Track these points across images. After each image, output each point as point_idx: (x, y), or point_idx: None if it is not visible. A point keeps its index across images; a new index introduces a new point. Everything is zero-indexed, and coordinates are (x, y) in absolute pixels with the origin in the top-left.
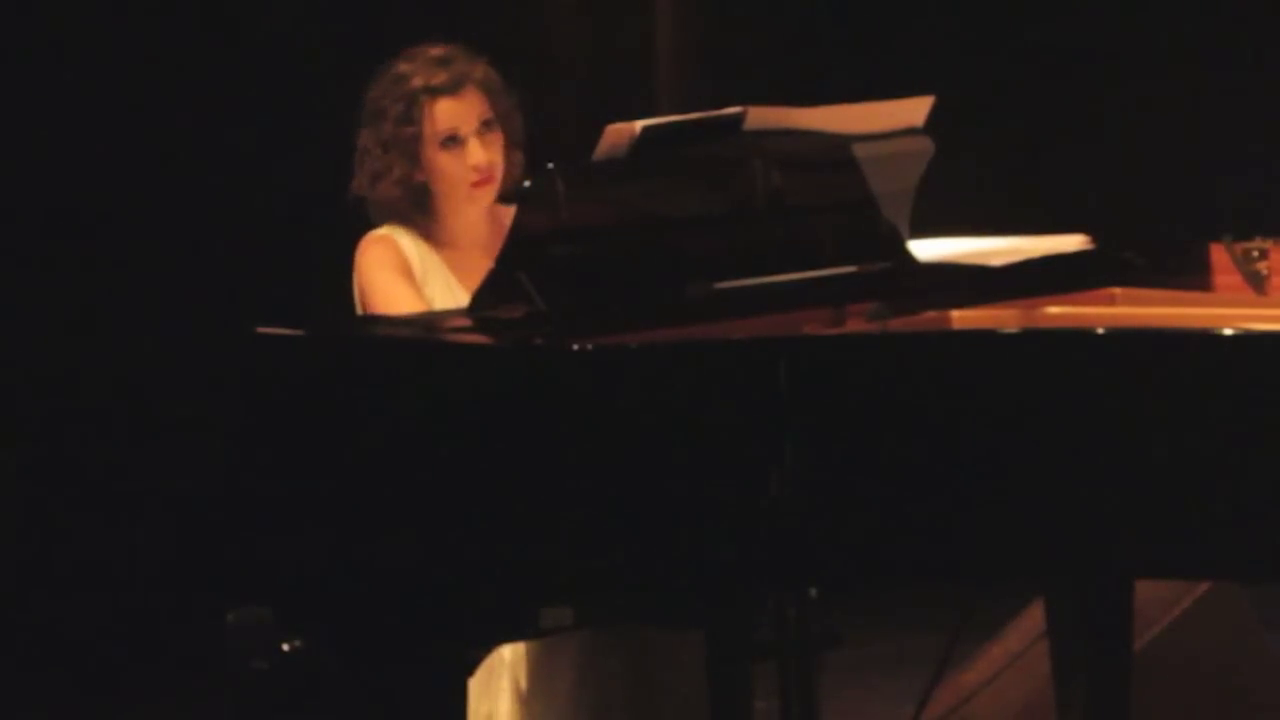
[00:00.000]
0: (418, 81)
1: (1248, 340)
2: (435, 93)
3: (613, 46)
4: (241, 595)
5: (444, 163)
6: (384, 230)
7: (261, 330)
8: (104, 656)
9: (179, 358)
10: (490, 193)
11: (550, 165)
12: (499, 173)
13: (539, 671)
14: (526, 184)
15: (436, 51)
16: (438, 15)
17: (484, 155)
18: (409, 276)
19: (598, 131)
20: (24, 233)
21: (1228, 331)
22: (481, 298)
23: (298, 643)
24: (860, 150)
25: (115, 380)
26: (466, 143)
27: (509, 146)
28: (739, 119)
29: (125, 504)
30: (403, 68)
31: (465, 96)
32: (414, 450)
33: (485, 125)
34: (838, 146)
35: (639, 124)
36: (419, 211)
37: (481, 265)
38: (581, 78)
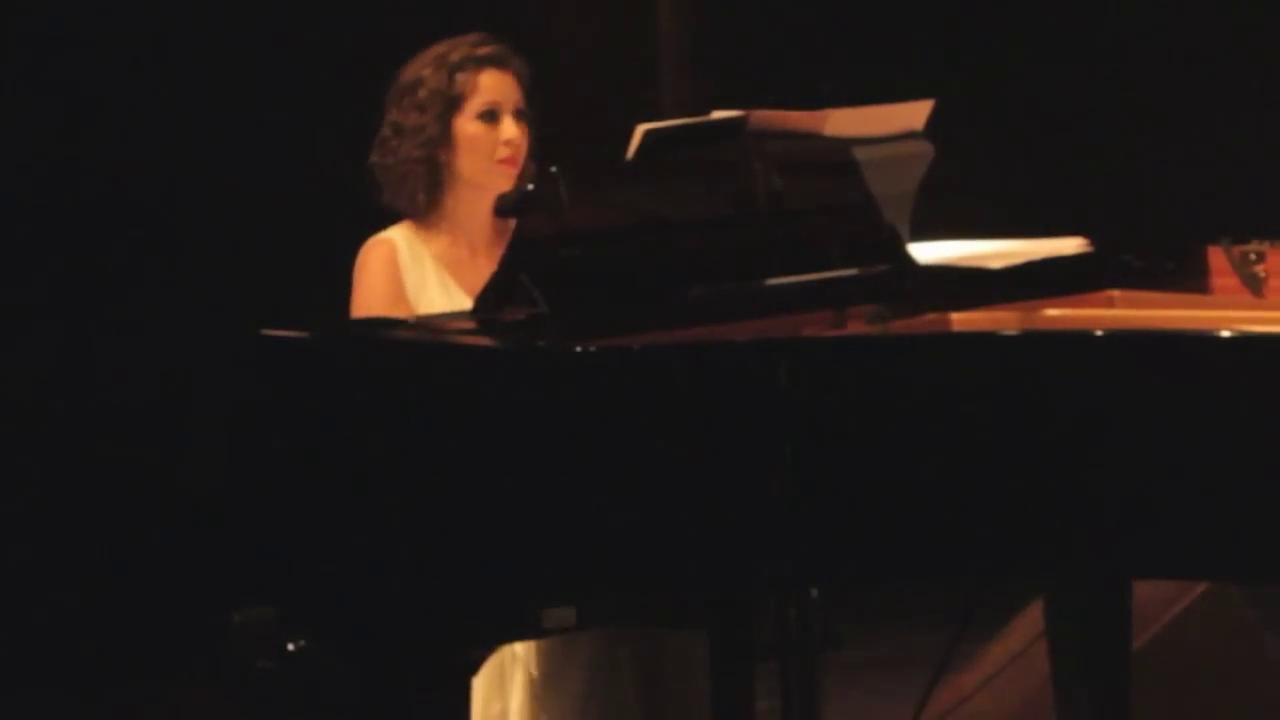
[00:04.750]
0: (460, 55)
1: (1245, 342)
2: (481, 63)
3: (614, 48)
4: (246, 595)
5: (478, 133)
6: (385, 234)
7: (266, 331)
8: (107, 656)
9: (184, 358)
10: (509, 177)
11: (553, 168)
12: (521, 160)
13: (552, 669)
14: (529, 187)
15: (476, 37)
16: (438, 15)
17: (518, 134)
18: (399, 300)
19: (598, 133)
20: (28, 233)
21: (1225, 333)
22: (485, 300)
23: (302, 642)
24: (861, 153)
25: (120, 380)
26: (503, 119)
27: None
28: (741, 122)
29: (129, 503)
30: (441, 49)
31: (508, 75)
32: (417, 451)
33: (519, 113)
34: (839, 150)
35: (642, 127)
36: (429, 192)
37: (478, 267)
38: (583, 79)
